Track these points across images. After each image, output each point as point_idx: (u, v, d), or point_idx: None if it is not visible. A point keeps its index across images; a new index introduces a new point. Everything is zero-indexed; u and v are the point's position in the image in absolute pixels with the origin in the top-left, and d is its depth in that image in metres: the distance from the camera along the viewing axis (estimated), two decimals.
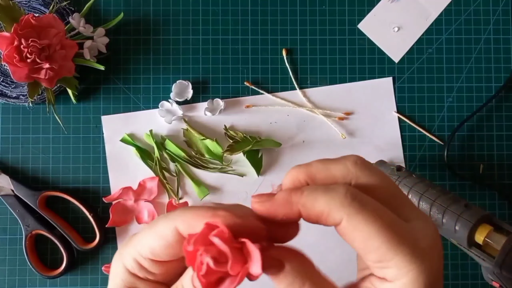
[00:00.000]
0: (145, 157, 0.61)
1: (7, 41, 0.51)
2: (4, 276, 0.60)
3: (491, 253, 0.47)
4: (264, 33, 0.63)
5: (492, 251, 0.47)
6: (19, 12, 0.53)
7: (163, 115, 0.61)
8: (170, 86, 0.62)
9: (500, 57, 0.64)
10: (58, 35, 0.53)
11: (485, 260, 0.48)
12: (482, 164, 0.63)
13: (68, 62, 0.55)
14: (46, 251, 0.61)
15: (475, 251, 0.49)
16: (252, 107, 0.62)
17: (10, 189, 0.60)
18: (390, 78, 0.63)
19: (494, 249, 0.47)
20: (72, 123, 0.62)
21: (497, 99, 0.63)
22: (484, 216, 0.48)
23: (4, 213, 0.61)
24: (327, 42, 0.63)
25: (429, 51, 0.64)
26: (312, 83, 0.63)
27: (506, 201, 0.63)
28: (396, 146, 0.62)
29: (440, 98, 0.63)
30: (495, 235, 0.47)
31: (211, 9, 0.63)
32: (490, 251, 0.48)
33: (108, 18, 0.62)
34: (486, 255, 0.48)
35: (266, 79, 0.63)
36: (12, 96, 0.60)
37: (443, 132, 0.63)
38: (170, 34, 0.63)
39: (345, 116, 0.62)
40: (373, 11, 0.64)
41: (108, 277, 0.32)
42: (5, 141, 0.61)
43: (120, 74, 0.62)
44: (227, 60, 0.63)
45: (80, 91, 0.61)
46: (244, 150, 0.60)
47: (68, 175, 0.61)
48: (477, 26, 0.64)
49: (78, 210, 0.61)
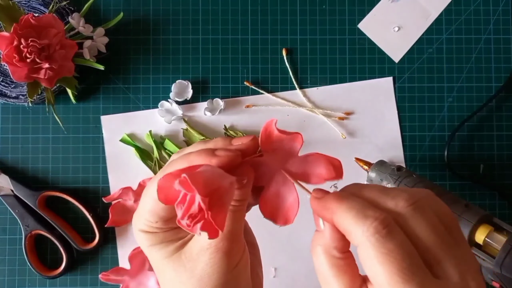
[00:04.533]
0: (145, 157, 0.61)
1: (7, 41, 0.51)
2: (4, 276, 0.60)
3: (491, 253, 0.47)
4: (264, 33, 0.63)
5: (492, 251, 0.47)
6: (19, 12, 0.53)
7: (163, 115, 0.61)
8: (169, 86, 0.62)
9: (500, 57, 0.64)
10: (57, 35, 0.53)
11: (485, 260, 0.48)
12: (482, 164, 0.63)
13: (67, 62, 0.55)
14: (46, 251, 0.61)
15: (475, 251, 0.49)
16: (252, 107, 0.62)
17: (9, 189, 0.60)
18: (390, 78, 0.63)
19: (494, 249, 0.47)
20: (71, 123, 0.62)
21: (497, 99, 0.63)
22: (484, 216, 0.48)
23: (3, 213, 0.61)
24: (327, 42, 0.63)
25: (429, 51, 0.64)
26: (312, 83, 0.63)
27: (506, 201, 0.63)
28: (396, 146, 0.62)
29: (440, 98, 0.63)
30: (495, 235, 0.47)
31: (211, 9, 0.63)
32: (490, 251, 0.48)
33: (108, 18, 0.62)
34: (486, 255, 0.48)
35: (266, 79, 0.63)
36: (11, 96, 0.60)
37: (443, 132, 0.63)
38: (170, 34, 0.63)
39: (345, 116, 0.62)
40: (373, 11, 0.64)
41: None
42: (5, 141, 0.61)
43: (120, 74, 0.62)
44: (227, 60, 0.63)
45: (80, 91, 0.61)
46: None
47: (68, 175, 0.61)
48: (477, 26, 0.64)
49: (77, 210, 0.61)
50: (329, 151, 0.62)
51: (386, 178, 0.54)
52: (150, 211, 0.33)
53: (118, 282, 0.58)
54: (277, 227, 0.33)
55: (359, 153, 0.61)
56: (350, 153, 0.61)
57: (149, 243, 0.34)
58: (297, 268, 0.61)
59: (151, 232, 0.34)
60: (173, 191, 0.29)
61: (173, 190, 0.29)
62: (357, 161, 0.59)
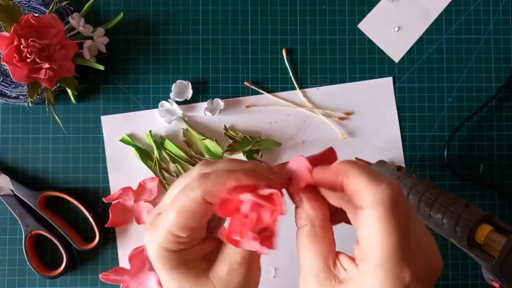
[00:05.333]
0: (145, 158, 0.61)
1: (7, 41, 0.51)
2: (4, 276, 0.60)
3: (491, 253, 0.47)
4: (264, 33, 0.63)
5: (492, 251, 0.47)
6: (19, 12, 0.53)
7: (163, 115, 0.61)
8: (170, 86, 0.62)
9: (500, 57, 0.64)
10: (58, 35, 0.53)
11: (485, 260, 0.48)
12: (482, 164, 0.63)
13: (68, 62, 0.55)
14: (46, 251, 0.61)
15: (475, 251, 0.49)
16: (252, 107, 0.62)
17: (10, 189, 0.60)
18: (390, 78, 0.63)
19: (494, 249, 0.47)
20: (71, 123, 0.62)
21: (497, 99, 0.63)
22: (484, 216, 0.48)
23: (4, 213, 0.61)
24: (327, 42, 0.63)
25: (429, 51, 0.64)
26: (312, 83, 0.63)
27: (506, 201, 0.63)
28: (396, 146, 0.62)
29: (440, 98, 0.63)
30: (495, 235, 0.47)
31: (211, 9, 0.63)
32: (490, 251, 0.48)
33: (108, 18, 0.62)
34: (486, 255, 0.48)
35: (266, 79, 0.63)
36: (12, 96, 0.60)
37: (443, 132, 0.63)
38: (170, 34, 0.63)
39: (345, 116, 0.62)
40: (373, 11, 0.64)
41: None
42: (5, 141, 0.61)
43: (120, 74, 0.62)
44: (227, 60, 0.63)
45: (80, 91, 0.61)
46: (244, 150, 0.60)
47: (68, 175, 0.61)
48: (477, 26, 0.64)
49: (77, 210, 0.61)
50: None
51: None
52: (182, 225, 0.31)
53: (118, 282, 0.58)
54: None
55: (359, 153, 0.61)
56: (350, 153, 0.61)
57: (172, 265, 0.32)
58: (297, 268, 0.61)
59: (175, 250, 0.32)
60: (236, 204, 0.31)
61: (236, 203, 0.31)
62: (357, 161, 0.59)
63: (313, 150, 0.62)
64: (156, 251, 0.32)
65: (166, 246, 0.31)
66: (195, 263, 0.32)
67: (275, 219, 0.30)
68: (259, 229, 0.30)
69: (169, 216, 0.31)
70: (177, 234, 0.31)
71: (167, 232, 0.31)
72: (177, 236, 0.31)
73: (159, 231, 0.31)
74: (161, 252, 0.32)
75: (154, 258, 0.32)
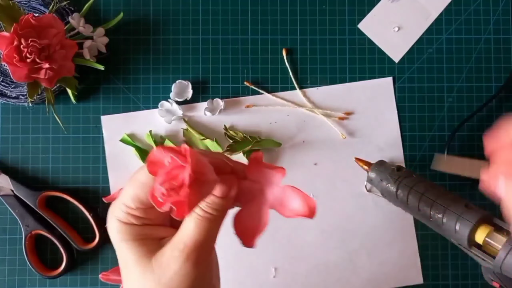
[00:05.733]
0: (145, 157, 0.61)
1: (7, 41, 0.51)
2: (4, 276, 0.60)
3: (491, 253, 0.47)
4: (264, 33, 0.63)
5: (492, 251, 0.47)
6: (19, 12, 0.53)
7: (163, 115, 0.61)
8: (170, 86, 0.62)
9: (500, 57, 0.64)
10: (58, 35, 0.53)
11: (485, 260, 0.48)
12: None
13: (68, 62, 0.55)
14: (46, 251, 0.61)
15: (475, 251, 0.49)
16: (252, 107, 0.62)
17: (9, 189, 0.60)
18: (390, 78, 0.63)
19: (494, 249, 0.47)
20: (71, 123, 0.62)
21: (497, 99, 0.63)
22: (484, 216, 0.48)
23: (3, 213, 0.61)
24: (327, 42, 0.63)
25: (429, 51, 0.64)
26: (312, 83, 0.63)
27: None
28: (396, 146, 0.62)
29: (440, 98, 0.63)
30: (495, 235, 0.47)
31: (211, 9, 0.63)
32: (490, 251, 0.48)
33: (108, 18, 0.62)
34: (486, 255, 0.48)
35: (266, 79, 0.63)
36: (11, 96, 0.60)
37: (443, 132, 0.63)
38: (170, 34, 0.63)
39: (345, 116, 0.62)
40: (373, 11, 0.64)
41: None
42: (5, 141, 0.61)
43: (120, 74, 0.62)
44: (227, 60, 0.63)
45: (80, 91, 0.61)
46: (244, 150, 0.60)
47: (68, 175, 0.61)
48: (477, 26, 0.64)
49: (77, 210, 0.61)
50: (329, 151, 0.62)
51: (386, 178, 0.54)
52: (132, 196, 0.33)
53: (118, 282, 0.58)
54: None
55: (359, 153, 0.61)
56: (350, 153, 0.61)
57: (122, 237, 0.34)
58: (297, 268, 0.61)
59: (127, 223, 0.34)
60: (163, 164, 0.31)
61: (163, 164, 0.31)
62: (357, 161, 0.59)
63: (313, 150, 0.62)
64: (112, 224, 0.35)
65: (120, 217, 0.34)
66: (145, 241, 0.34)
67: (187, 176, 0.30)
68: (174, 187, 0.30)
69: (125, 189, 0.34)
70: (128, 205, 0.34)
71: (121, 203, 0.34)
72: (129, 208, 0.34)
73: (116, 204, 0.35)
74: (115, 224, 0.34)
75: (110, 231, 0.35)
